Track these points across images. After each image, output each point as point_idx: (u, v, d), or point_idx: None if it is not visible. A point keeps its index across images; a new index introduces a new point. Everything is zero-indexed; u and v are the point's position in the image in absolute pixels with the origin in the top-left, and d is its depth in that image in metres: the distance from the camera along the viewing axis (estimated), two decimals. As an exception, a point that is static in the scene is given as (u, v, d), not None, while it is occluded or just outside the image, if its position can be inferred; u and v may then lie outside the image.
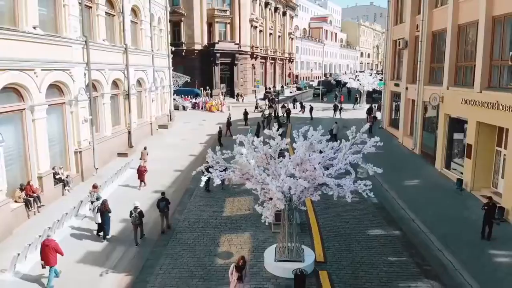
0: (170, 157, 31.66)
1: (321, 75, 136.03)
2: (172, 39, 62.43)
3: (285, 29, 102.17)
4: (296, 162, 14.44)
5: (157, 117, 41.55)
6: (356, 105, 62.03)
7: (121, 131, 32.23)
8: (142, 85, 37.38)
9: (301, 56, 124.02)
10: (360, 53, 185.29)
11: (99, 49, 27.82)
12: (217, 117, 44.56)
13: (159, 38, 42.89)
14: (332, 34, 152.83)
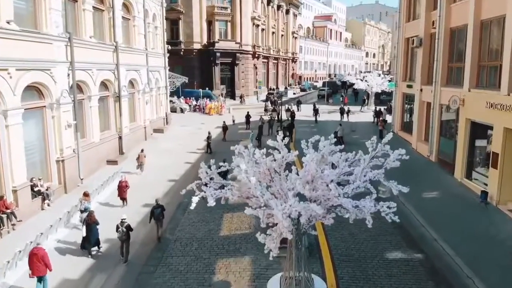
0: (164, 165, 30.13)
1: (325, 76, 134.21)
2: (169, 38, 62.48)
3: (288, 28, 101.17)
4: (305, 179, 12.34)
5: (152, 120, 40.01)
6: (363, 107, 60.23)
7: (111, 137, 30.53)
8: (134, 86, 35.75)
9: (305, 56, 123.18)
10: (366, 53, 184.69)
11: (85, 47, 26.06)
12: (217, 121, 43.07)
13: (154, 36, 41.29)
14: (337, 33, 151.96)
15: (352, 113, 52.53)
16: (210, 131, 34.82)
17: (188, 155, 33.26)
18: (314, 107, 53.06)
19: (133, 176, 26.67)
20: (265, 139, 38.10)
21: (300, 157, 13.16)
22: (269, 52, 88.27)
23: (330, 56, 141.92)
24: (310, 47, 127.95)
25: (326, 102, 69.86)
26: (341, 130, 36.91)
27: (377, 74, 64.47)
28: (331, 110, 59.48)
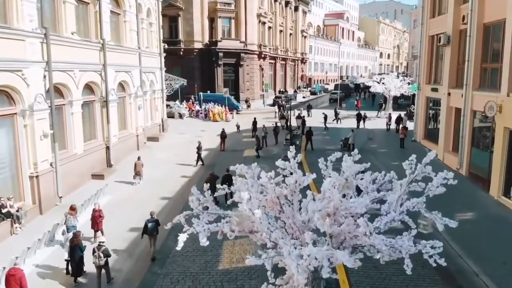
0: (158, 179, 28.37)
1: (337, 78, 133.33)
2: (167, 36, 63.51)
3: (297, 26, 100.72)
4: (325, 211, 10.16)
5: (146, 127, 38.43)
6: (380, 113, 58.37)
7: (97, 147, 28.76)
8: (125, 89, 34.14)
9: (315, 57, 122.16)
10: (380, 53, 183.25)
11: (65, 45, 24.24)
12: (220, 127, 41.08)
13: (149, 33, 39.65)
14: (349, 32, 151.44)
15: (368, 119, 50.73)
16: (200, 140, 33.18)
17: (185, 167, 31.62)
18: (336, 112, 52.50)
19: (128, 187, 26.26)
20: (271, 149, 37.60)
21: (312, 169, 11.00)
22: (276, 52, 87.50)
23: (342, 57, 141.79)
24: (320, 47, 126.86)
25: (338, 106, 66.82)
26: (352, 137, 36.20)
27: (395, 75, 62.37)
28: (345, 115, 58.00)
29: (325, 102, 78.58)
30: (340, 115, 52.86)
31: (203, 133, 45.12)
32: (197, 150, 31.91)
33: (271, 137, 39.75)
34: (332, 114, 55.89)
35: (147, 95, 38.98)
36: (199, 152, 31.93)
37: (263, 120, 48.50)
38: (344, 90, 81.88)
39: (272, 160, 32.72)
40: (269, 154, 35.58)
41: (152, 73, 40.73)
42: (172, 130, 45.49)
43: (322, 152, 36.90)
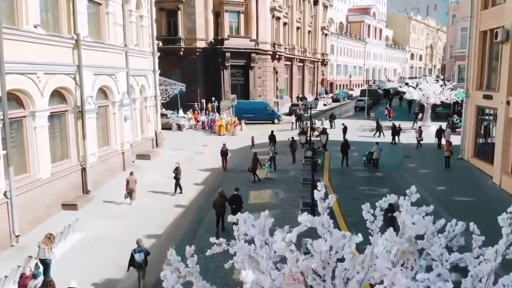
0: (144, 209, 25.98)
1: (362, 82, 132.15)
2: (166, 34, 64.36)
3: (316, 23, 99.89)
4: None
5: (134, 143, 36.46)
6: (416, 124, 55.64)
7: (69, 169, 26.47)
8: (108, 96, 32.05)
9: (337, 58, 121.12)
10: (411, 54, 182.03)
11: (26, 40, 21.99)
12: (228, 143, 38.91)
13: (139, 28, 37.88)
14: (376, 30, 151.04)
15: (403, 131, 48.37)
16: (179, 162, 30.58)
17: (180, 195, 29.32)
18: (378, 125, 50.42)
19: (108, 220, 24.16)
20: (287, 170, 34.96)
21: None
22: (293, 52, 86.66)
23: (367, 58, 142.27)
24: (343, 47, 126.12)
25: (366, 116, 66.32)
26: (377, 151, 35.64)
27: (433, 80, 59.65)
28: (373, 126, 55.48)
29: (349, 111, 77.22)
30: (383, 127, 50.52)
31: (205, 148, 43.39)
32: (175, 175, 29.37)
33: (286, 155, 37.73)
34: (357, 125, 54.82)
35: (136, 103, 37.32)
36: (177, 177, 29.35)
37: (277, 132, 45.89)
38: (372, 96, 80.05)
39: (288, 185, 30.77)
40: (285, 176, 33.44)
41: (143, 77, 39.04)
42: (168, 145, 43.53)
43: (348, 171, 35.12)
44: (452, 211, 22.38)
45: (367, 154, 36.38)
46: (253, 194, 28.79)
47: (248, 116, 58.55)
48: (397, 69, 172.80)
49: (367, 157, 36.16)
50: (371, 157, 35.81)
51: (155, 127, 42.16)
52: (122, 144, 33.59)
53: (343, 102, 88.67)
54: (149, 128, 40.82)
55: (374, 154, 35.61)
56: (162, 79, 46.28)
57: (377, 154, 35.49)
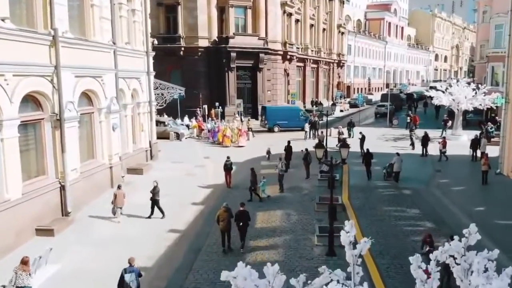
0: (133, 235, 24.35)
1: (382, 86, 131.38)
2: (164, 32, 64.67)
3: (332, 20, 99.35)
4: None
5: (125, 155, 35.38)
6: (445, 132, 54.64)
7: (45, 187, 25.06)
8: (93, 102, 30.81)
9: (355, 59, 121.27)
10: (435, 55, 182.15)
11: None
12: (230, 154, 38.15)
13: (131, 24, 36.83)
14: (397, 28, 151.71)
15: (431, 141, 47.14)
16: (156, 181, 28.53)
17: (175, 217, 27.50)
18: (411, 134, 49.37)
19: (90, 248, 22.60)
20: (300, 186, 33.33)
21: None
22: (306, 52, 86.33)
23: (388, 59, 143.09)
24: (361, 47, 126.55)
25: (389, 123, 65.28)
26: (398, 163, 34.69)
27: (465, 83, 57.85)
28: (397, 136, 55.64)
29: (369, 118, 76.60)
30: (415, 135, 49.35)
31: (206, 161, 42.27)
32: (152, 195, 27.57)
33: (299, 169, 36.49)
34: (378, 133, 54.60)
35: (127, 109, 36.21)
36: (154, 198, 27.57)
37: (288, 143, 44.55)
38: (394, 101, 78.25)
39: (302, 205, 29.37)
40: (298, 194, 31.92)
41: (136, 79, 38.01)
42: (165, 158, 42.44)
43: (370, 188, 33.96)
44: (495, 238, 20.87)
45: (387, 166, 35.61)
46: (261, 216, 27.21)
47: (282, 123, 58.43)
48: (420, 71, 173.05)
49: (388, 169, 35.40)
50: (392, 170, 34.95)
51: (150, 137, 41.27)
52: (109, 157, 32.56)
53: (362, 108, 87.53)
54: (142, 138, 39.92)
55: (394, 166, 34.68)
56: (158, 82, 45.34)
57: (398, 167, 34.52)
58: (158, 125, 47.97)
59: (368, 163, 35.73)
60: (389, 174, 35.13)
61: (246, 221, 22.37)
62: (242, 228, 22.25)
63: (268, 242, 23.51)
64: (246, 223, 22.32)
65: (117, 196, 26.12)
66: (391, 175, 34.98)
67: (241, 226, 22.11)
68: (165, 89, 46.14)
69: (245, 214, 22.55)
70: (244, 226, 22.10)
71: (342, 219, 25.38)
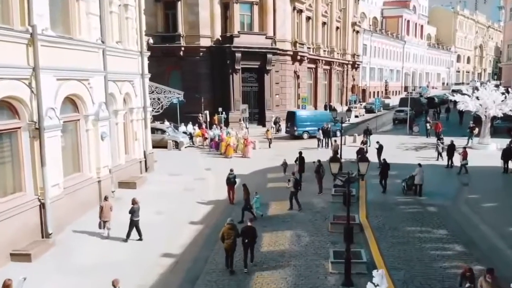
0: (122, 260, 23.20)
1: (400, 89, 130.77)
2: (163, 30, 65.20)
3: (346, 17, 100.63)
4: None
5: (116, 167, 34.50)
6: (471, 141, 53.54)
7: (22, 206, 24.19)
8: (79, 108, 29.92)
9: (371, 60, 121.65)
10: (457, 56, 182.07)
11: None
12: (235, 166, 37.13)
13: (123, 20, 36.16)
14: (416, 26, 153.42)
15: (456, 150, 45.92)
16: (136, 198, 27.11)
17: (170, 239, 26.46)
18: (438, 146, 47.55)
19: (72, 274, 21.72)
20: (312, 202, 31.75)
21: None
22: (318, 52, 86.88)
23: (406, 60, 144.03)
24: (378, 46, 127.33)
25: (408, 131, 64.37)
26: (419, 175, 33.65)
27: (493, 86, 56.72)
28: (418, 144, 54.72)
29: (386, 124, 76.23)
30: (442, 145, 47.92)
31: (207, 174, 41.27)
32: (131, 215, 26.36)
33: (311, 182, 35.30)
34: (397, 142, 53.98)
35: (118, 116, 35.46)
36: (132, 218, 26.39)
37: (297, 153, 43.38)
38: (414, 106, 77.73)
39: (314, 225, 28.49)
40: (309, 211, 30.45)
41: (128, 82, 37.23)
42: (161, 169, 41.63)
43: (390, 204, 32.58)
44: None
45: (407, 178, 34.55)
46: (267, 238, 25.85)
47: (312, 129, 57.72)
48: (441, 73, 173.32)
49: (408, 182, 34.31)
50: (412, 183, 33.85)
51: (144, 147, 40.61)
52: (98, 170, 31.74)
53: (379, 113, 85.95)
54: (135, 147, 39.20)
55: (416, 178, 33.56)
56: (154, 85, 44.69)
57: (420, 179, 33.45)
58: (154, 132, 47.86)
59: (384, 175, 34.89)
60: (409, 187, 34.13)
61: (253, 238, 21.96)
62: (248, 246, 21.77)
63: (276, 269, 22.22)
64: (253, 240, 21.91)
65: (104, 209, 25.86)
66: (411, 188, 34.01)
67: (246, 243, 21.66)
68: (162, 93, 45.51)
69: (252, 230, 22.12)
70: (249, 244, 21.66)
71: (359, 241, 24.50)
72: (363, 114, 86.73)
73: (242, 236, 21.99)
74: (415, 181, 33.64)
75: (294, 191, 30.74)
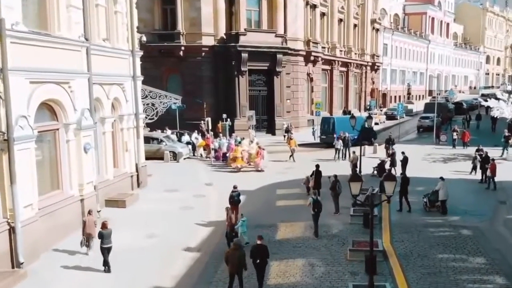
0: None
1: (424, 94, 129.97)
2: (161, 27, 65.07)
3: (365, 14, 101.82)
4: None
5: (102, 183, 33.58)
6: (506, 151, 52.74)
7: None
8: (58, 115, 28.83)
9: (391, 61, 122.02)
10: (486, 57, 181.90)
11: None
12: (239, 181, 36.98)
13: (111, 15, 35.20)
14: (442, 24, 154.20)
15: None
16: (107, 222, 25.87)
17: (161, 268, 25.11)
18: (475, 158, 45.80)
19: None
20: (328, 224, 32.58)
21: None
22: (333, 53, 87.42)
23: (431, 62, 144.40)
24: (399, 46, 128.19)
25: (435, 140, 63.57)
26: (443, 190, 32.75)
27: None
28: (447, 156, 53.70)
29: (410, 132, 75.88)
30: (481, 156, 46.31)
31: (208, 190, 40.04)
32: (100, 241, 25.02)
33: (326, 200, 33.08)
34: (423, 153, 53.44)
35: (105, 124, 34.50)
36: (101, 246, 24.99)
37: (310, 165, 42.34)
38: (441, 112, 77.10)
39: (330, 251, 27.08)
40: (324, 235, 28.90)
41: (117, 86, 36.32)
42: (156, 185, 40.63)
43: (416, 225, 31.09)
44: None
45: (429, 194, 33.74)
46: (275, 267, 24.36)
47: (350, 135, 57.18)
48: (469, 76, 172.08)
49: (430, 198, 33.47)
50: (436, 199, 32.96)
51: (136, 159, 39.68)
52: (80, 187, 30.56)
53: (400, 120, 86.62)
54: (126, 160, 38.26)
55: (439, 193, 32.68)
56: (148, 89, 43.87)
57: (444, 194, 32.58)
58: (150, 142, 47.61)
59: (404, 192, 33.75)
60: (432, 204, 33.30)
61: (265, 258, 21.47)
62: (259, 267, 21.25)
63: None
64: (264, 260, 21.41)
65: (87, 224, 25.50)
66: (434, 205, 33.19)
67: (257, 264, 21.14)
68: (157, 97, 44.82)
69: (263, 249, 21.63)
70: (261, 264, 21.13)
71: (383, 271, 23.20)
72: (384, 121, 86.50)
73: (252, 256, 21.43)
74: (439, 197, 32.84)
75: (313, 214, 29.07)
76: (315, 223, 28.73)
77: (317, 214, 28.76)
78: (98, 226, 25.05)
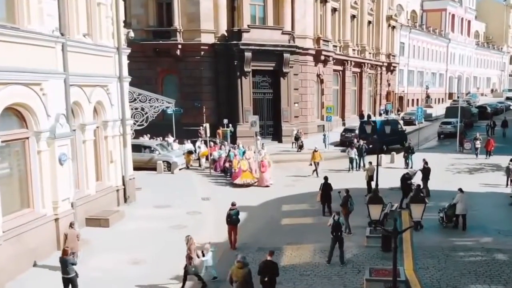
0: None
1: (443, 97, 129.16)
2: (156, 24, 64.29)
3: (380, 10, 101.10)
4: None
5: (82, 199, 32.24)
6: None
7: None
8: (27, 122, 27.58)
9: (409, 61, 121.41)
10: (510, 57, 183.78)
11: None
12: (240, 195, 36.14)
13: (93, 7, 33.85)
14: (463, 22, 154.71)
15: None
16: (68, 249, 24.20)
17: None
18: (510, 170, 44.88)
19: None
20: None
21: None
22: (346, 52, 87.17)
23: (451, 62, 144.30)
24: (417, 45, 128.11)
25: (459, 147, 62.53)
26: (462, 204, 31.70)
27: None
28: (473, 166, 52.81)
29: (430, 139, 75.22)
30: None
31: (204, 205, 38.64)
32: (61, 270, 23.39)
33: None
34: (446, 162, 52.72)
35: (86, 132, 33.10)
36: (64, 275, 23.24)
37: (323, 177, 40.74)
38: (464, 117, 77.03)
39: (343, 280, 25.37)
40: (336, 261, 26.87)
41: (101, 88, 34.95)
42: (146, 200, 39.20)
43: (443, 249, 29.31)
44: None
45: (446, 208, 32.84)
46: None
47: (391, 139, 57.30)
48: (491, 77, 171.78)
49: (447, 212, 32.56)
50: (453, 213, 31.96)
51: (123, 171, 38.27)
52: (55, 205, 29.01)
53: (419, 126, 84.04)
54: (111, 172, 36.85)
55: (458, 207, 31.59)
56: (136, 92, 42.57)
57: (462, 208, 31.56)
58: (141, 151, 46.73)
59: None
60: (449, 219, 32.35)
61: (274, 276, 21.14)
62: (268, 284, 20.87)
63: None
64: (273, 278, 21.09)
65: (68, 238, 25.40)
66: (451, 219, 32.24)
67: (265, 282, 20.77)
68: (147, 101, 43.59)
69: (272, 266, 21.30)
70: (270, 282, 20.80)
71: None
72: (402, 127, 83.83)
73: (260, 273, 21.11)
74: (456, 210, 31.76)
75: (333, 239, 26.99)
76: (331, 248, 26.84)
77: (335, 238, 26.88)
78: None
